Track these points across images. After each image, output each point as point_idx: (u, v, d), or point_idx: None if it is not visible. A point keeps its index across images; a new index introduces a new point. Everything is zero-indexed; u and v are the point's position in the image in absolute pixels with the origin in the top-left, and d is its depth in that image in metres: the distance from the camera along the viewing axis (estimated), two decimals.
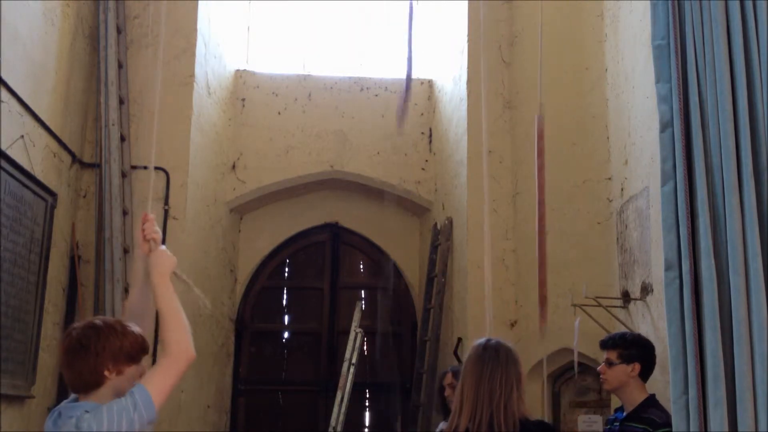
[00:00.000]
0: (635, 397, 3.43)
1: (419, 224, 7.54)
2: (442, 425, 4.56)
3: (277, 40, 7.64)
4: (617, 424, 3.47)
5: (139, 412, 2.21)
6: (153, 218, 2.65)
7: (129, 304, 2.61)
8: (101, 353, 2.28)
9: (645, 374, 3.46)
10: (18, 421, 4.62)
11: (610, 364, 3.48)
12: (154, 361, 4.28)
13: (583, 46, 5.56)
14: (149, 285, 2.49)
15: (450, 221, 6.47)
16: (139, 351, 2.38)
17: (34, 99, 4.74)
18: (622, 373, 3.44)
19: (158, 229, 2.63)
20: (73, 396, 2.39)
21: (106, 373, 2.29)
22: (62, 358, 2.35)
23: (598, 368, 3.58)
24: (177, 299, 2.42)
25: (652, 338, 3.72)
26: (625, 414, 3.45)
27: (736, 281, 2.50)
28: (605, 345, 3.55)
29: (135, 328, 2.40)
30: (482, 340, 3.04)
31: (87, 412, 2.23)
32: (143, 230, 2.61)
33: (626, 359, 3.44)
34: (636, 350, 3.45)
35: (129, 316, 2.55)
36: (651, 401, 3.40)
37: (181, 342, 2.33)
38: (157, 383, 2.27)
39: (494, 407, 2.79)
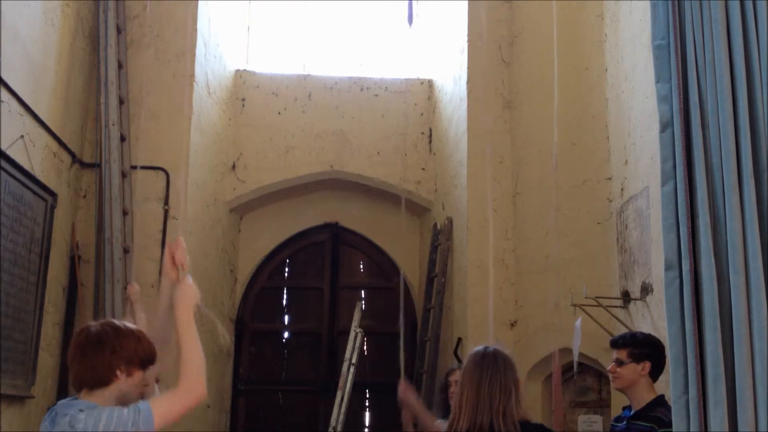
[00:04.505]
0: (644, 396, 3.44)
1: (419, 224, 7.54)
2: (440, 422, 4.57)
3: (277, 40, 7.64)
4: (624, 422, 3.48)
5: (137, 426, 2.23)
6: (184, 246, 2.61)
7: (153, 331, 2.60)
8: (118, 351, 2.33)
9: (655, 373, 3.46)
10: (18, 421, 4.62)
11: (620, 363, 3.49)
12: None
13: (583, 46, 5.56)
14: (173, 315, 2.49)
15: (450, 221, 6.47)
16: (150, 358, 2.42)
17: (34, 99, 4.74)
18: (633, 372, 3.45)
19: (187, 256, 2.61)
20: (69, 398, 2.39)
21: (118, 372, 2.33)
22: (75, 351, 2.36)
23: (608, 368, 3.58)
24: (197, 335, 2.44)
25: None
26: (632, 413, 3.46)
27: (736, 281, 2.50)
28: (615, 344, 3.57)
29: (148, 337, 2.45)
30: (480, 347, 3.11)
31: (81, 411, 2.24)
32: (173, 256, 2.58)
33: (636, 358, 3.45)
34: (646, 349, 3.46)
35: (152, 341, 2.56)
36: (659, 401, 3.40)
37: (196, 379, 2.37)
38: (163, 407, 2.30)
39: (494, 413, 2.89)
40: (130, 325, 2.43)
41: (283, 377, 7.38)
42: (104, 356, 2.32)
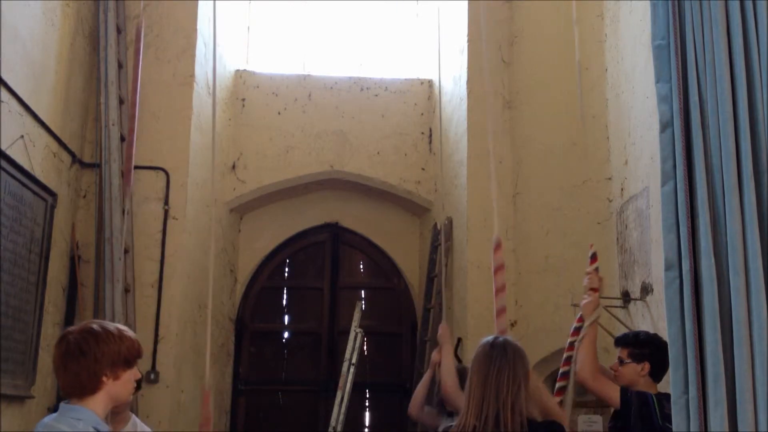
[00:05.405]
0: None
1: (419, 224, 7.54)
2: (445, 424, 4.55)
3: (277, 40, 7.64)
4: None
5: None
6: None
7: None
8: (100, 359, 2.27)
9: (656, 374, 3.45)
10: (18, 421, 4.61)
11: (621, 362, 3.49)
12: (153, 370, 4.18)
13: (583, 46, 5.56)
14: None
15: (450, 221, 6.47)
16: (135, 356, 2.37)
17: (34, 99, 4.74)
18: (632, 371, 3.46)
19: None
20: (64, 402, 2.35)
21: (104, 378, 2.28)
22: (58, 361, 2.31)
23: (611, 366, 3.59)
24: None
25: None
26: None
27: (736, 281, 2.49)
28: (618, 343, 3.58)
29: (130, 333, 2.39)
30: (490, 337, 3.00)
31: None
32: None
33: (636, 358, 3.45)
34: (647, 349, 3.46)
35: None
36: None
37: None
38: None
39: (501, 405, 2.76)
40: (110, 326, 2.35)
41: (283, 377, 7.38)
42: (87, 366, 2.26)
